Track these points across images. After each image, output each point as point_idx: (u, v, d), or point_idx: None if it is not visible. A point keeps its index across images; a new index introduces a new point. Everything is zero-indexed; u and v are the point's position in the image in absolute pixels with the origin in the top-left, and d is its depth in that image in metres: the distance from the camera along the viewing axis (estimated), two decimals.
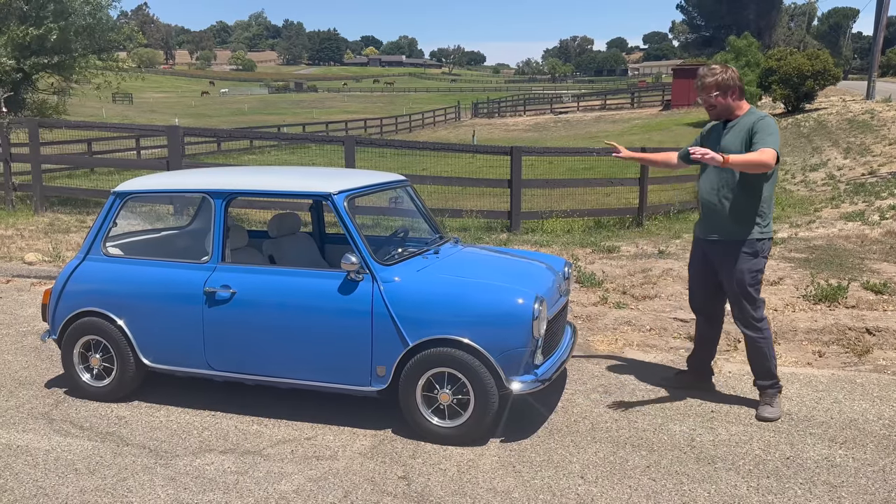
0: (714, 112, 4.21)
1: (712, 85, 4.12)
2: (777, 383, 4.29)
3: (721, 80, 4.11)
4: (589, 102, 53.74)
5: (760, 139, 3.98)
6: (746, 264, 4.12)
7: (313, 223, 5.45)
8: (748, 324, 4.21)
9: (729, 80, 4.12)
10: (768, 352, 4.24)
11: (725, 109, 4.17)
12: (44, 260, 8.26)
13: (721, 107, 4.17)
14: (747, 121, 4.10)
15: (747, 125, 4.07)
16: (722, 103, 4.15)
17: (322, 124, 41.40)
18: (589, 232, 10.27)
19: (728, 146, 4.09)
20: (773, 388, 4.27)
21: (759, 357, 4.25)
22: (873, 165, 16.24)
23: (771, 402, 4.24)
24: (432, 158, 17.03)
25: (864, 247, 8.28)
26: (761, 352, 4.23)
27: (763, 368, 4.26)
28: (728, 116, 4.20)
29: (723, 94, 4.13)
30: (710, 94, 4.14)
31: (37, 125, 12.01)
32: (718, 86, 4.12)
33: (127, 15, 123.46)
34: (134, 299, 4.37)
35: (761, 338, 4.22)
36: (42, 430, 4.13)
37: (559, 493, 3.40)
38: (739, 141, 4.07)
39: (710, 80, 4.13)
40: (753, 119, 4.09)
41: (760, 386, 4.30)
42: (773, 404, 4.23)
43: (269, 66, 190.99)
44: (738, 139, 4.08)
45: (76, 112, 25.54)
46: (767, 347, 4.23)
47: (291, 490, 3.46)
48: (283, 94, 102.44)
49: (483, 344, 3.74)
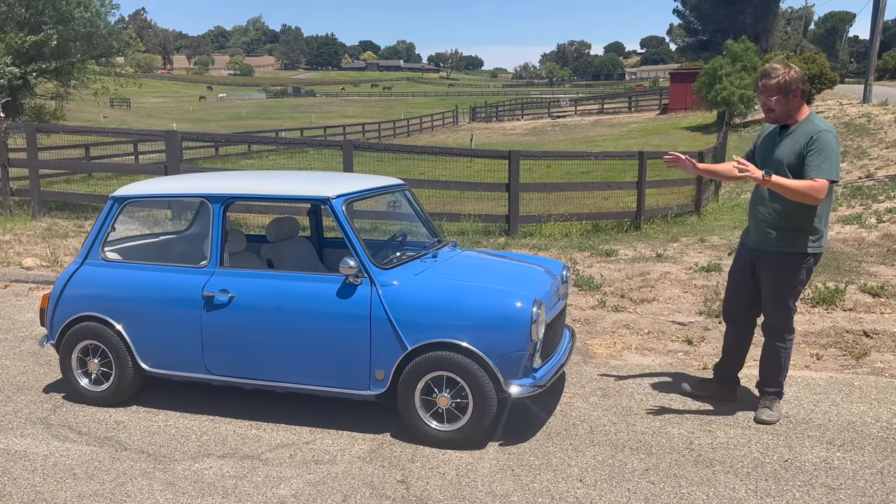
0: (772, 116, 3.96)
1: (774, 87, 3.84)
2: (781, 392, 4.28)
3: (783, 82, 3.83)
4: (587, 106, 53.82)
5: (815, 162, 3.75)
6: (790, 278, 4.01)
7: (311, 227, 5.45)
8: (777, 335, 4.15)
9: (792, 81, 3.84)
10: (785, 363, 4.20)
11: (785, 114, 3.92)
12: (42, 265, 8.26)
13: (780, 111, 3.91)
14: (805, 130, 3.86)
15: (805, 135, 3.83)
16: (782, 107, 3.89)
17: (320, 129, 41.42)
18: (587, 235, 10.28)
19: (782, 156, 3.89)
20: (775, 395, 4.26)
21: (775, 366, 4.20)
22: (870, 169, 16.27)
23: (771, 406, 4.22)
24: (430, 163, 17.03)
25: (861, 250, 8.30)
26: (779, 362, 4.19)
27: (773, 377, 4.22)
28: (786, 121, 3.96)
29: (784, 97, 3.86)
30: (771, 98, 3.87)
31: (34, 130, 12.00)
32: (780, 88, 3.84)
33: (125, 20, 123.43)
34: (132, 304, 4.37)
35: (784, 349, 4.17)
36: (40, 435, 4.12)
37: (558, 497, 3.40)
38: (794, 152, 3.85)
39: (772, 81, 3.85)
40: (812, 130, 3.83)
41: (764, 391, 4.28)
42: (772, 408, 4.22)
43: (267, 70, 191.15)
44: (794, 150, 3.86)
45: (74, 117, 25.55)
46: (786, 359, 4.20)
47: (290, 494, 3.46)
48: (281, 98, 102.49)
49: (481, 347, 3.74)
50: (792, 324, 4.17)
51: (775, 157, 3.92)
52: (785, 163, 3.89)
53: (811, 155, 3.78)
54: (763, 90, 3.90)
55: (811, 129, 3.85)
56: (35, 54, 14.96)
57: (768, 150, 4.02)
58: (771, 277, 4.06)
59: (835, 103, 32.08)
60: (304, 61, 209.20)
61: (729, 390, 4.50)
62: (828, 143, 3.79)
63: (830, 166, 3.77)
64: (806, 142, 3.82)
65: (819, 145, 3.78)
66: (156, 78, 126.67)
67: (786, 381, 4.32)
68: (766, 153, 4.03)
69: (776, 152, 3.94)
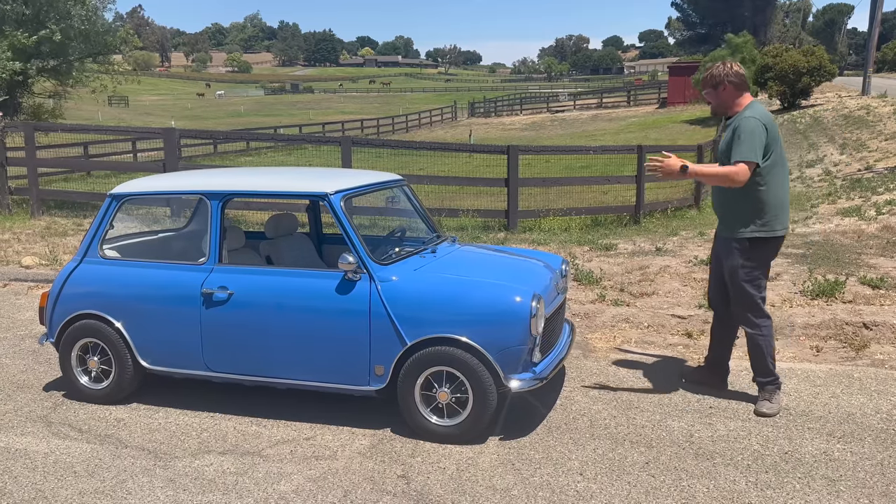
0: (712, 108, 4.26)
1: (702, 82, 4.20)
2: (777, 380, 4.28)
3: (708, 77, 4.12)
4: (585, 101, 53.74)
5: (736, 146, 3.95)
6: (738, 260, 4.11)
7: (310, 223, 5.45)
8: (745, 320, 4.22)
9: (717, 76, 4.09)
10: (767, 350, 4.21)
11: (721, 106, 4.16)
12: (41, 263, 8.25)
13: (715, 103, 4.17)
14: (736, 120, 4.06)
15: (734, 124, 4.04)
16: (713, 100, 4.15)
17: (318, 125, 41.34)
18: (586, 230, 10.27)
19: (722, 146, 4.11)
20: (772, 385, 4.26)
21: (757, 354, 4.24)
22: (869, 161, 16.26)
23: (770, 398, 4.23)
24: (429, 158, 17.03)
25: (860, 242, 8.29)
26: (759, 349, 4.22)
27: (762, 365, 4.25)
28: (726, 113, 4.17)
29: (713, 90, 4.12)
30: (704, 91, 4.19)
31: (32, 129, 11.98)
32: (706, 81, 4.15)
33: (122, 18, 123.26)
34: (131, 301, 4.37)
35: (759, 335, 4.19)
36: (41, 433, 4.12)
37: (558, 490, 3.41)
38: (727, 142, 4.07)
39: (702, 76, 4.21)
40: (738, 119, 4.04)
41: (759, 382, 4.30)
42: (772, 400, 4.23)
43: (265, 67, 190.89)
44: (727, 140, 4.06)
45: (72, 115, 25.51)
46: (766, 345, 4.21)
47: (291, 490, 3.46)
48: (279, 95, 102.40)
49: (481, 342, 3.74)
50: (759, 309, 4.18)
51: (720, 147, 4.13)
52: (721, 152, 4.08)
53: (733, 141, 3.97)
54: (701, 84, 4.26)
55: (738, 117, 4.04)
56: (34, 52, 14.94)
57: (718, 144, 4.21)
58: (725, 263, 4.21)
59: (834, 96, 32.04)
60: (301, 58, 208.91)
61: (719, 378, 4.56)
62: (746, 127, 3.94)
63: (747, 148, 3.90)
64: (733, 130, 4.00)
65: (739, 131, 3.95)
66: (154, 75, 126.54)
67: (787, 373, 4.33)
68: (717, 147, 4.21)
69: (720, 142, 4.16)
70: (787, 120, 27.33)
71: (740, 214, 4.08)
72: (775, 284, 6.62)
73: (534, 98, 62.01)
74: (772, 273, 6.96)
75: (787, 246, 8.18)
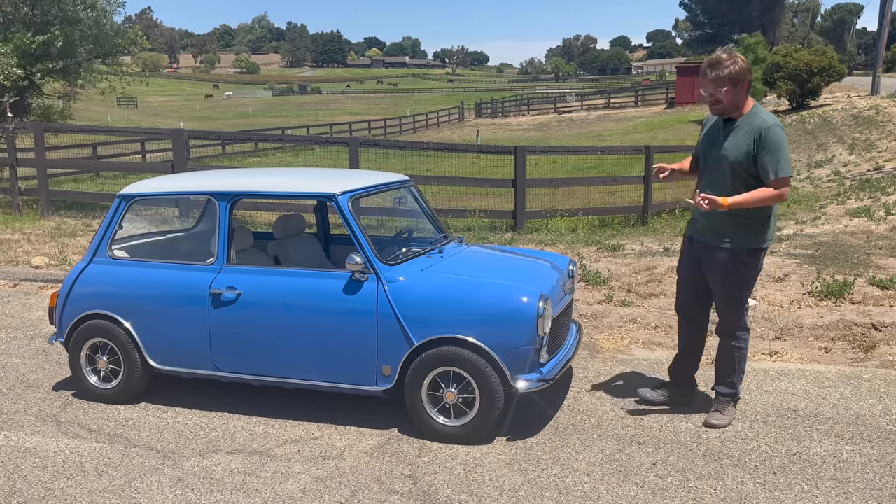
0: (719, 108, 3.78)
1: (725, 78, 3.67)
2: (736, 395, 4.10)
3: (734, 72, 3.66)
4: (593, 101, 53.65)
5: (771, 161, 3.63)
6: (740, 271, 3.87)
7: (318, 224, 5.46)
8: (729, 331, 4.01)
9: (742, 72, 3.68)
10: (739, 364, 4.03)
11: (732, 105, 3.75)
12: (50, 264, 8.30)
13: (729, 103, 3.74)
14: (752, 124, 3.71)
15: (752, 130, 3.69)
16: (731, 99, 3.72)
17: (326, 126, 41.46)
18: (594, 230, 10.26)
19: (728, 152, 3.75)
20: (729, 398, 4.09)
21: (729, 366, 4.04)
22: (879, 161, 16.18)
23: (722, 410, 4.05)
24: (436, 159, 17.05)
25: (869, 242, 8.25)
26: (733, 362, 4.02)
27: (729, 377, 4.05)
28: (731, 114, 3.80)
29: (733, 88, 3.70)
30: (721, 88, 3.69)
31: (42, 130, 12.05)
32: (731, 78, 3.67)
33: (131, 19, 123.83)
34: (140, 301, 4.39)
35: (738, 348, 4.01)
36: (50, 432, 4.15)
37: (565, 491, 3.40)
38: (742, 149, 3.71)
39: (724, 71, 3.67)
40: (760, 125, 3.68)
41: (719, 392, 4.10)
42: (723, 412, 4.04)
43: (273, 68, 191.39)
44: (743, 146, 3.71)
45: (81, 116, 25.66)
46: (741, 360, 4.03)
47: (298, 490, 3.47)
48: (286, 96, 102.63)
49: (488, 343, 3.75)
50: (745, 321, 3.99)
51: (721, 153, 3.76)
52: (731, 159, 3.72)
53: (765, 154, 3.65)
54: (714, 80, 3.70)
55: (758, 123, 3.69)
56: (42, 54, 15.02)
57: (711, 146, 3.86)
58: (716, 272, 3.92)
59: (843, 96, 31.88)
60: (309, 59, 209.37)
61: (688, 393, 4.34)
62: (780, 138, 3.66)
63: (787, 161, 3.67)
64: (755, 138, 3.67)
65: (771, 141, 3.64)
66: (162, 77, 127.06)
67: (795, 374, 4.29)
68: (708, 149, 3.88)
69: (721, 148, 3.79)
70: (795, 120, 27.21)
71: (754, 227, 3.81)
72: (784, 285, 6.60)
73: (541, 98, 61.93)
74: (780, 274, 6.94)
75: (796, 247, 8.15)
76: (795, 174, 16.66)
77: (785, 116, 29.31)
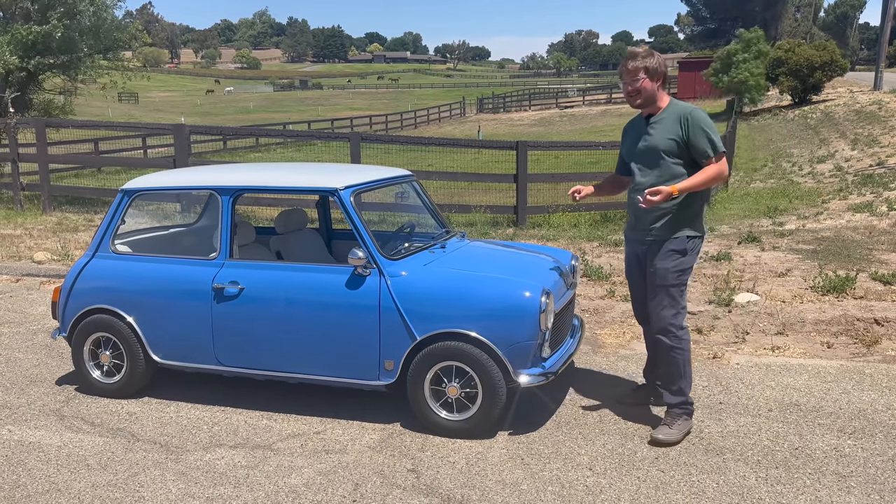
0: (638, 100, 3.78)
1: (642, 68, 3.72)
2: (687, 405, 3.87)
3: (650, 65, 3.72)
4: (594, 96, 53.63)
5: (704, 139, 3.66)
6: (672, 262, 3.76)
7: (320, 219, 5.46)
8: (665, 329, 3.79)
9: (658, 65, 3.74)
10: (683, 367, 3.81)
11: (650, 97, 3.76)
12: (53, 259, 8.31)
13: (647, 94, 3.74)
14: (675, 112, 3.75)
15: (678, 117, 3.72)
16: (648, 89, 3.73)
17: (327, 121, 41.43)
18: (596, 226, 10.26)
19: (656, 142, 3.75)
20: (680, 409, 3.86)
21: (671, 370, 3.83)
22: (881, 156, 16.15)
23: (671, 424, 3.82)
24: (438, 154, 17.03)
25: (872, 237, 8.25)
26: (675, 364, 3.81)
27: (674, 383, 3.84)
28: (651, 108, 3.81)
29: (650, 79, 3.73)
30: (637, 78, 3.72)
31: (44, 125, 12.07)
32: (647, 69, 3.72)
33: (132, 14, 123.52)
34: (143, 296, 4.40)
35: (677, 348, 3.79)
36: (54, 426, 4.16)
37: (568, 485, 3.41)
38: (670, 136, 3.71)
39: (639, 62, 3.73)
40: (682, 111, 3.74)
41: (667, 403, 3.89)
42: (672, 426, 3.81)
43: (274, 63, 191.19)
44: (668, 134, 3.72)
45: (82, 112, 25.63)
46: (683, 361, 3.81)
47: (301, 483, 3.48)
48: (288, 91, 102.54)
49: (490, 337, 3.75)
50: (682, 318, 3.82)
51: (649, 146, 3.78)
52: (661, 148, 3.73)
53: (696, 135, 3.67)
54: (631, 71, 3.74)
55: (680, 110, 3.76)
56: (42, 48, 14.99)
57: (636, 142, 3.86)
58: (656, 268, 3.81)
59: (845, 91, 31.83)
60: (310, 54, 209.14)
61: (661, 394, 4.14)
62: (705, 118, 3.70)
63: (718, 138, 3.70)
64: (681, 123, 3.70)
65: (699, 123, 3.68)
66: (163, 72, 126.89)
67: (798, 369, 4.28)
68: (633, 145, 3.88)
69: (648, 141, 3.80)
70: (798, 115, 27.17)
71: (686, 214, 3.75)
72: (786, 280, 6.60)
73: (542, 94, 61.86)
74: (782, 269, 6.94)
75: (798, 242, 8.15)
76: (797, 169, 16.64)
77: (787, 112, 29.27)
